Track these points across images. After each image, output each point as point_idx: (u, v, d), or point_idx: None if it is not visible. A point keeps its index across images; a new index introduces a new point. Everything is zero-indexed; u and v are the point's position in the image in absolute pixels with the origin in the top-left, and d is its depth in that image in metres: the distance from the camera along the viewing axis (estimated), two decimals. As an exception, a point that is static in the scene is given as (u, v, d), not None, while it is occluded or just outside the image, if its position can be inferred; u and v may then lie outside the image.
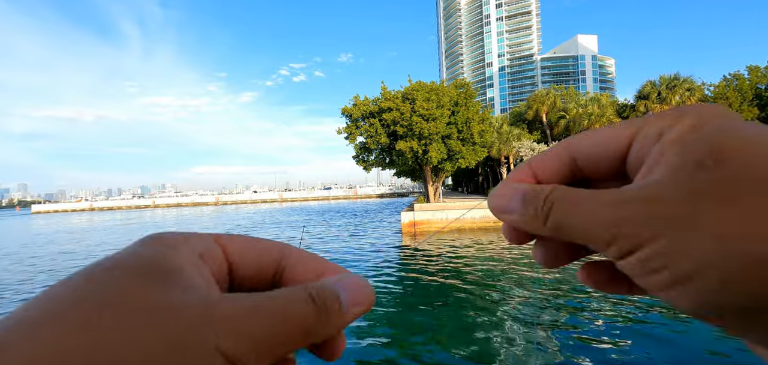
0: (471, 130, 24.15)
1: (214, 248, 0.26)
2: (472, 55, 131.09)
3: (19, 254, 20.15)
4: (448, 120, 23.45)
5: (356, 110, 24.46)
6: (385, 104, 23.38)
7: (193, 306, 0.20)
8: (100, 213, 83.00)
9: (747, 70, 30.43)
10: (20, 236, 33.12)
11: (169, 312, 0.19)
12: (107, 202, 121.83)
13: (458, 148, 23.85)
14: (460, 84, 25.64)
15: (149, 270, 0.21)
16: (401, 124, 22.98)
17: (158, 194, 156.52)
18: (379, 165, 26.90)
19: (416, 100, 22.72)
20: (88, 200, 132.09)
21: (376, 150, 25.80)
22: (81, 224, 45.13)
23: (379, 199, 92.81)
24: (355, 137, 25.25)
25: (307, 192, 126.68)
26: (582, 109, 34.37)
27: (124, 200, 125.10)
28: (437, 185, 27.84)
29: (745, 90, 29.35)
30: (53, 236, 30.09)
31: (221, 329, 0.20)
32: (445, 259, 13.16)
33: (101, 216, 66.59)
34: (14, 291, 11.65)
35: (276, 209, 64.15)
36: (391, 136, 24.37)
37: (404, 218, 21.17)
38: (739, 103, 28.95)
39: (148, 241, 0.24)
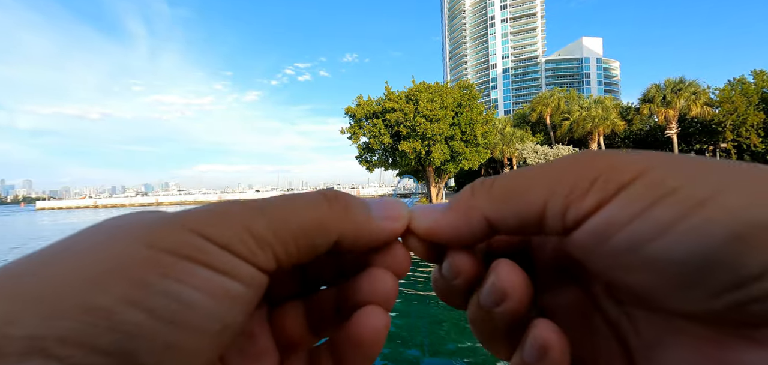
0: (474, 131, 24.12)
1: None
2: (476, 57, 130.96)
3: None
4: (451, 121, 23.43)
5: (360, 110, 24.50)
6: (389, 104, 23.40)
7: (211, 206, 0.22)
8: (104, 210, 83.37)
9: (752, 75, 30.22)
10: (28, 230, 33.30)
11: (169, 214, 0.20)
12: (111, 199, 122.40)
13: (461, 149, 23.82)
14: (463, 85, 25.62)
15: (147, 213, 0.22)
16: (405, 124, 22.99)
17: (162, 192, 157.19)
18: (381, 166, 26.92)
19: (420, 101, 22.72)
20: (92, 197, 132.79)
21: (379, 151, 25.80)
22: (86, 220, 45.29)
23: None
24: (359, 137, 25.27)
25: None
26: (586, 111, 34.21)
27: (127, 198, 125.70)
28: (440, 186, 27.82)
29: (751, 94, 29.13)
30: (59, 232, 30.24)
31: (229, 211, 0.21)
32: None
33: (105, 213, 66.66)
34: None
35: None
36: (395, 136, 24.36)
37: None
38: (745, 107, 28.73)
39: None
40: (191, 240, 0.19)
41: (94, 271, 0.17)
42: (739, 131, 29.26)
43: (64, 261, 0.18)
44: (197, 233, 0.20)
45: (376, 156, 26.31)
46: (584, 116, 33.80)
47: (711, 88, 30.91)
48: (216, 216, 0.21)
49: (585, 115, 33.83)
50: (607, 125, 32.98)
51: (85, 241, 0.19)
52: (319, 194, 0.24)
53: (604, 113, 33.27)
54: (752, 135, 28.99)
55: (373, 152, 25.99)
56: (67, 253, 0.19)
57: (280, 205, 0.23)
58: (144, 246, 0.18)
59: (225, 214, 0.21)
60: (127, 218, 0.21)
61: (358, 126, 25.03)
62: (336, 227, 0.24)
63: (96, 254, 0.18)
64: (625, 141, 37.95)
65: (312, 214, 0.23)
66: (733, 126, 29.30)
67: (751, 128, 28.92)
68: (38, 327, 0.16)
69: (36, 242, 23.64)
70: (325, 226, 0.24)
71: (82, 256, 0.18)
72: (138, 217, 0.21)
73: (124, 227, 0.20)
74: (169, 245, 0.19)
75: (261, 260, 0.21)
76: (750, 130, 28.94)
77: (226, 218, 0.21)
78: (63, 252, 0.19)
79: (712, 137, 31.24)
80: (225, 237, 0.20)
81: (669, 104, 29.88)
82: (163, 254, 0.19)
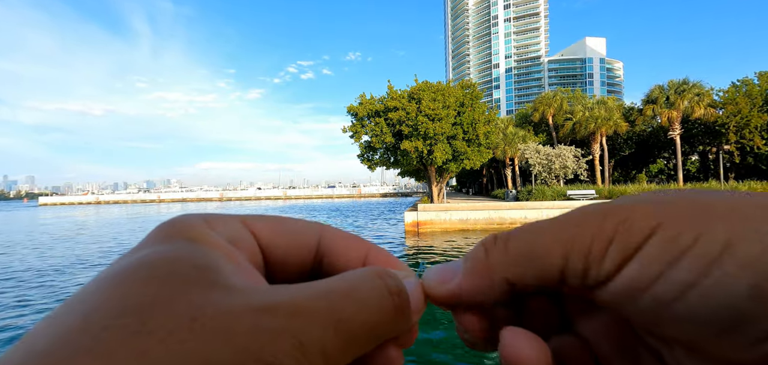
0: (476, 131, 24.07)
1: (244, 233, 0.23)
2: (479, 56, 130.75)
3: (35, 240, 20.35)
4: (453, 121, 23.39)
5: (362, 109, 24.49)
6: (391, 103, 23.37)
7: (246, 309, 0.17)
8: (106, 207, 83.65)
9: (757, 76, 30.07)
10: (32, 225, 33.45)
11: (219, 321, 0.17)
12: (113, 196, 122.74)
13: (463, 149, 23.78)
14: (466, 85, 25.55)
15: (181, 272, 0.18)
16: (407, 123, 22.96)
17: (163, 189, 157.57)
18: (383, 164, 26.90)
19: (422, 100, 22.69)
20: (94, 194, 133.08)
21: (380, 149, 25.78)
22: (87, 217, 45.49)
23: (382, 198, 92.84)
24: (361, 135, 25.24)
25: (310, 190, 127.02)
26: (589, 112, 34.07)
27: (129, 194, 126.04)
28: (441, 185, 27.79)
29: (755, 95, 28.99)
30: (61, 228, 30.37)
31: (295, 326, 0.18)
32: (447, 259, 13.08)
33: (107, 210, 67.12)
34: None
35: (279, 206, 64.35)
36: (397, 135, 24.34)
37: (407, 218, 21.14)
38: (749, 109, 28.60)
39: (169, 230, 0.21)
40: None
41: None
42: (743, 133, 29.13)
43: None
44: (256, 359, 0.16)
45: (377, 155, 26.29)
46: (587, 116, 33.65)
47: (715, 89, 30.78)
48: (292, 332, 0.18)
49: (588, 115, 33.69)
50: (609, 126, 32.83)
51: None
52: (384, 291, 0.21)
53: (606, 114, 33.12)
54: (756, 137, 28.86)
55: (375, 150, 25.96)
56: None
57: (352, 311, 0.19)
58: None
59: (302, 332, 0.18)
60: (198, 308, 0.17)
61: (360, 125, 25.01)
62: (392, 333, 0.22)
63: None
64: (628, 142, 37.82)
65: (374, 319, 0.20)
66: (736, 128, 29.17)
67: (754, 130, 28.80)
68: None
69: (39, 236, 23.71)
70: (382, 335, 0.21)
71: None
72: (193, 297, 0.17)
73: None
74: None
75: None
76: (754, 132, 28.81)
77: (303, 338, 0.18)
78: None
79: (715, 138, 31.11)
80: (277, 360, 0.17)
81: (672, 105, 29.74)
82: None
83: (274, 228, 0.25)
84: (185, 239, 0.20)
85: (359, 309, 0.20)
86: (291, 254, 0.25)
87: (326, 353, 0.18)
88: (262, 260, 0.24)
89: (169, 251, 0.19)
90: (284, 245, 0.25)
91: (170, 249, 0.19)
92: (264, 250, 0.24)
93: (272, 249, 0.24)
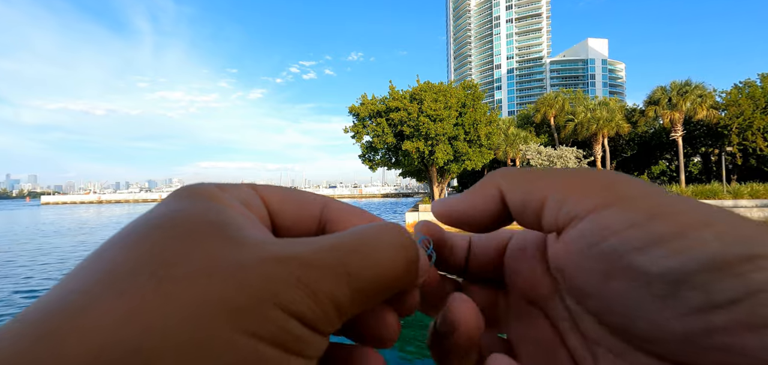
0: (478, 132, 24.06)
1: (254, 198, 0.25)
2: (481, 57, 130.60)
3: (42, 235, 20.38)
4: (455, 121, 23.38)
5: (364, 109, 24.49)
6: (393, 103, 23.37)
7: (260, 259, 0.19)
8: (108, 206, 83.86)
9: (759, 78, 29.96)
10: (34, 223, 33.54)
11: (234, 270, 0.18)
12: (115, 195, 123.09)
13: (465, 149, 23.77)
14: (468, 85, 25.56)
15: (199, 227, 0.19)
16: (408, 124, 22.96)
17: (165, 188, 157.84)
18: (384, 165, 26.92)
19: (424, 100, 22.68)
20: (96, 193, 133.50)
21: (382, 150, 25.79)
22: (89, 215, 45.56)
23: (383, 199, 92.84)
24: (362, 136, 25.26)
25: (312, 190, 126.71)
26: (590, 113, 34.00)
27: (131, 193, 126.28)
28: (442, 186, 27.77)
29: (758, 97, 28.88)
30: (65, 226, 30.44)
31: (308, 276, 0.19)
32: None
33: (109, 209, 67.26)
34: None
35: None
36: (398, 136, 24.34)
37: (408, 218, 21.13)
38: (752, 110, 28.50)
39: (186, 193, 0.22)
40: (278, 322, 0.18)
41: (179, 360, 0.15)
42: (746, 135, 29.03)
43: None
44: (283, 310, 0.18)
45: (379, 155, 26.29)
46: (589, 117, 33.59)
47: (717, 91, 30.69)
48: (304, 281, 0.19)
49: (589, 116, 33.63)
50: (611, 127, 32.77)
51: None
52: (396, 243, 0.22)
53: (608, 115, 33.05)
54: (758, 139, 28.74)
55: (377, 151, 25.96)
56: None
57: (362, 263, 0.20)
58: (228, 328, 0.16)
59: (314, 282, 0.19)
60: (206, 257, 0.18)
61: (361, 125, 25.02)
62: (401, 286, 0.23)
63: (179, 336, 0.16)
64: (630, 144, 37.73)
65: (385, 271, 0.21)
66: (739, 129, 29.08)
67: (757, 132, 28.68)
68: None
69: (41, 236, 23.78)
70: (392, 288, 0.22)
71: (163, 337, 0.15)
72: (214, 250, 0.18)
73: (205, 290, 0.17)
74: (256, 328, 0.17)
75: (335, 326, 0.20)
76: (756, 133, 28.69)
77: (315, 287, 0.19)
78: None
79: (717, 140, 31.02)
80: (314, 316, 0.19)
81: (674, 107, 29.63)
82: (250, 340, 0.17)
83: (282, 196, 0.26)
84: (202, 199, 0.22)
85: (371, 262, 0.21)
86: (297, 221, 0.26)
87: (337, 302, 0.19)
88: (270, 225, 0.25)
89: (188, 207, 0.21)
90: (291, 211, 0.26)
91: (188, 206, 0.21)
92: (272, 215, 0.25)
93: (280, 214, 0.26)
